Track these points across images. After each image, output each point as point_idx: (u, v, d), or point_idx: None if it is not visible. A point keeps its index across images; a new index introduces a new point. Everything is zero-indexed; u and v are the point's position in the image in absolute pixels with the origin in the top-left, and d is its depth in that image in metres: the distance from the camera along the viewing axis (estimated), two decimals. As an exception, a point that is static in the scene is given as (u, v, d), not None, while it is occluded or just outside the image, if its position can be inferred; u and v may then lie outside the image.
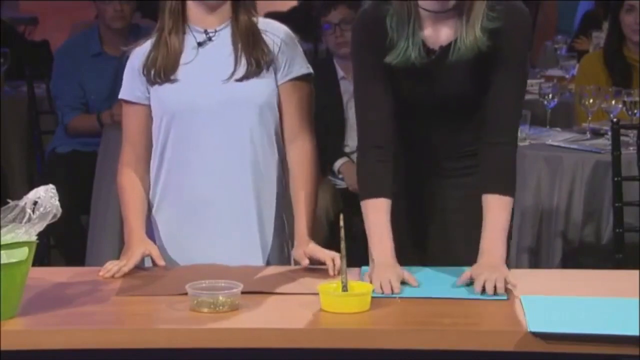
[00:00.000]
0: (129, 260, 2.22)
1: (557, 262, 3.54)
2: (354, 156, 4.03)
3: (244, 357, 1.91)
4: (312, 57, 2.45)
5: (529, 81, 5.16)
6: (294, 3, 7.43)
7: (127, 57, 2.39)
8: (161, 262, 2.25)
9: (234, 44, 2.32)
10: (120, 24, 4.23)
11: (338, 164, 4.01)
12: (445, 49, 2.24)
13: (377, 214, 2.20)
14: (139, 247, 2.25)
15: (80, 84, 4.23)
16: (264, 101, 2.31)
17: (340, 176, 4.02)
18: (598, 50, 4.56)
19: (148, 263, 2.33)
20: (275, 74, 2.33)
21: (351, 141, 4.03)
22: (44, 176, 4.18)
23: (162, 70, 2.29)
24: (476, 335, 1.90)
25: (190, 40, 2.32)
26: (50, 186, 1.90)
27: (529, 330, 1.87)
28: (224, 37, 2.33)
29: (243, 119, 2.30)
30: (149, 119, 2.35)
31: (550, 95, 4.02)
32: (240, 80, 2.30)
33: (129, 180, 2.35)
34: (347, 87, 4.00)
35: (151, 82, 2.31)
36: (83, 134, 4.22)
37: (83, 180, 4.02)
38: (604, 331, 1.85)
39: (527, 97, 4.83)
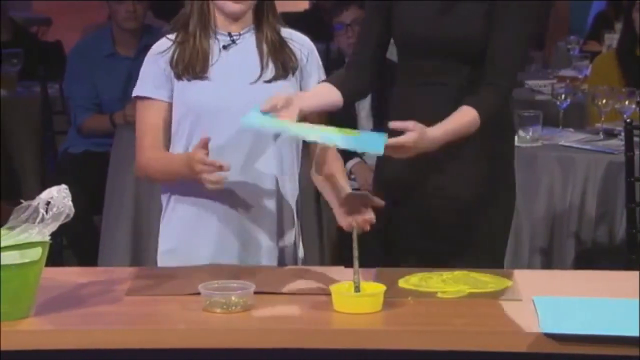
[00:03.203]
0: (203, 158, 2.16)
1: (570, 263, 3.53)
2: (366, 157, 4.04)
3: (257, 358, 1.91)
4: (324, 57, 2.47)
5: (541, 81, 5.17)
6: (305, 4, 7.44)
7: (140, 57, 2.39)
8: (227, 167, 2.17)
9: (259, 48, 2.33)
10: (133, 24, 4.24)
11: (350, 164, 4.01)
12: None
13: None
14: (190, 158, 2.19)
15: (93, 85, 4.24)
16: None
17: (352, 176, 4.02)
18: (611, 51, 4.54)
19: (160, 263, 2.33)
20: (299, 80, 2.36)
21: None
22: (57, 176, 4.19)
23: (190, 67, 2.30)
24: (489, 336, 1.89)
25: (215, 43, 2.33)
26: (63, 186, 1.91)
27: (541, 331, 1.87)
28: (248, 41, 2.34)
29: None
30: (169, 116, 2.34)
31: (563, 96, 4.01)
32: (269, 81, 2.32)
33: (149, 153, 2.30)
34: (358, 88, 4.00)
35: (179, 76, 2.31)
36: (96, 134, 4.23)
37: (96, 180, 4.03)
38: (618, 332, 1.84)
39: (540, 97, 4.87)
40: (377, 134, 2.21)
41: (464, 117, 2.28)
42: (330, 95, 2.33)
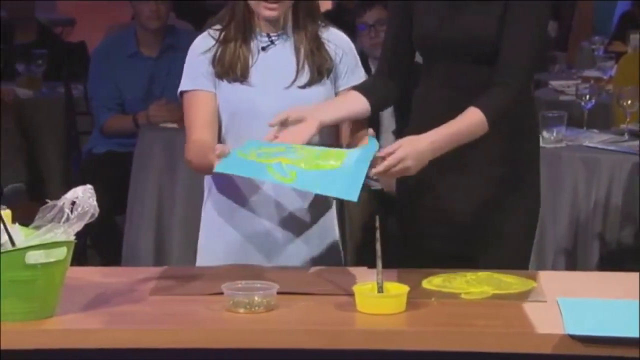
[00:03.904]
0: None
1: (594, 264, 3.50)
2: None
3: (280, 358, 1.91)
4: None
5: (565, 82, 5.14)
6: (328, 5, 7.43)
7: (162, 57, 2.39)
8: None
9: (297, 49, 2.34)
10: (157, 24, 4.26)
11: (372, 165, 4.01)
12: None
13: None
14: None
15: (116, 85, 4.26)
16: None
17: (374, 177, 4.01)
18: (637, 51, 4.51)
19: (199, 257, 2.36)
20: (335, 81, 2.37)
21: (386, 142, 4.02)
22: (81, 176, 4.22)
23: (230, 70, 2.31)
24: (513, 337, 1.88)
25: (254, 44, 2.34)
26: (88, 186, 1.92)
27: (566, 332, 1.85)
28: (286, 42, 2.35)
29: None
30: (216, 106, 2.33)
31: (588, 96, 3.99)
32: (303, 87, 2.32)
33: (195, 145, 2.27)
34: (382, 88, 3.99)
35: (219, 76, 2.32)
36: (119, 135, 4.25)
37: (119, 180, 4.05)
38: (643, 334, 1.83)
39: (564, 98, 4.84)
40: (362, 164, 2.11)
41: (467, 119, 2.25)
42: (355, 105, 2.33)
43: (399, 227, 2.51)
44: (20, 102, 4.70)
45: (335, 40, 2.38)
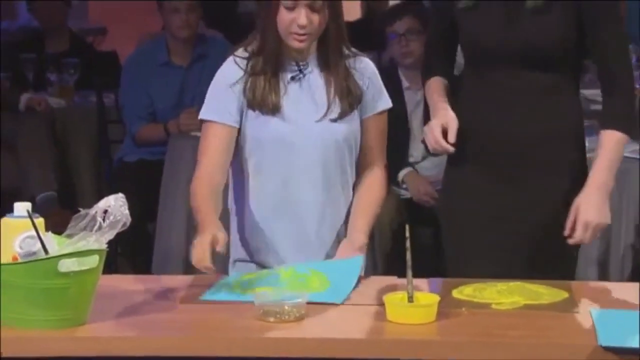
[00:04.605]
0: (216, 243, 2.10)
1: (627, 274, 3.47)
2: (418, 166, 4.03)
3: (310, 367, 1.91)
4: (376, 66, 2.47)
5: (596, 91, 5.08)
6: (358, 13, 7.43)
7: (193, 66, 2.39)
8: (219, 248, 2.12)
9: (327, 82, 2.32)
10: (187, 33, 4.28)
11: (402, 173, 4.00)
12: None
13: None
14: (212, 228, 2.15)
15: (147, 94, 4.29)
16: (351, 138, 2.36)
17: (404, 186, 4.01)
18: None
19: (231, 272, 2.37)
20: (361, 109, 2.37)
21: (415, 151, 4.02)
22: (112, 184, 4.25)
23: (263, 103, 2.29)
24: (545, 348, 1.87)
25: (283, 73, 2.33)
26: (120, 195, 1.93)
27: (599, 344, 1.84)
28: (313, 71, 2.33)
29: (327, 155, 2.33)
30: (233, 140, 2.32)
31: (619, 106, 3.94)
32: (334, 120, 2.32)
33: (201, 187, 2.27)
34: (411, 97, 3.99)
35: (251, 107, 2.31)
36: (150, 143, 4.27)
37: (150, 188, 4.07)
38: (677, 346, 1.81)
39: (595, 107, 4.76)
40: (348, 283, 2.13)
41: (608, 143, 2.31)
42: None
43: (446, 244, 2.50)
44: (53, 111, 4.74)
45: (361, 68, 2.37)
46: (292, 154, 2.30)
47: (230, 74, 2.33)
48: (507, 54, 2.32)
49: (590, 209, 2.25)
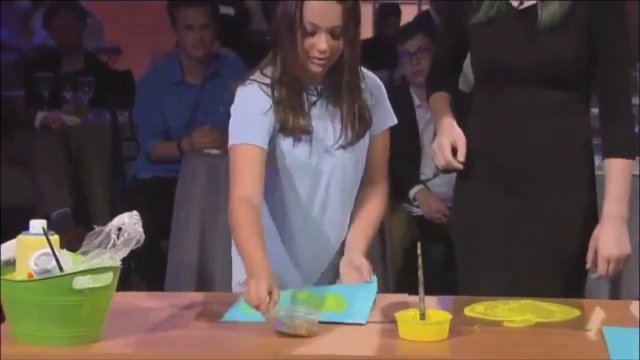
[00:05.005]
0: (271, 294, 2.03)
1: (638, 293, 3.46)
2: (430, 183, 4.04)
3: (322, 384, 1.91)
4: (387, 84, 2.48)
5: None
6: (369, 32, 7.46)
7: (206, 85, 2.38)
8: (271, 307, 2.02)
9: (342, 105, 2.32)
10: (201, 52, 4.30)
11: (414, 191, 4.02)
12: (532, 7, 2.28)
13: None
14: (266, 277, 2.06)
15: (161, 112, 4.31)
16: (363, 159, 2.38)
17: (415, 203, 4.02)
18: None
19: (224, 288, 2.36)
20: (370, 129, 2.38)
21: (427, 169, 4.03)
22: (126, 201, 4.27)
23: (294, 129, 2.29)
24: (556, 366, 1.87)
25: (305, 98, 2.33)
26: (134, 212, 1.94)
27: (611, 362, 1.84)
28: (329, 95, 2.33)
29: (346, 177, 2.36)
30: (264, 164, 2.29)
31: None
32: (344, 147, 2.34)
33: (245, 215, 2.20)
34: (422, 115, 4.01)
35: (282, 133, 2.30)
36: (163, 160, 4.29)
37: (163, 205, 4.09)
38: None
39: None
40: (366, 302, 2.14)
41: (615, 170, 2.31)
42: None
43: (459, 261, 2.51)
44: (68, 129, 4.78)
45: (368, 86, 2.37)
46: (299, 176, 2.32)
47: (261, 103, 2.29)
48: (521, 70, 2.33)
49: (609, 243, 2.28)
